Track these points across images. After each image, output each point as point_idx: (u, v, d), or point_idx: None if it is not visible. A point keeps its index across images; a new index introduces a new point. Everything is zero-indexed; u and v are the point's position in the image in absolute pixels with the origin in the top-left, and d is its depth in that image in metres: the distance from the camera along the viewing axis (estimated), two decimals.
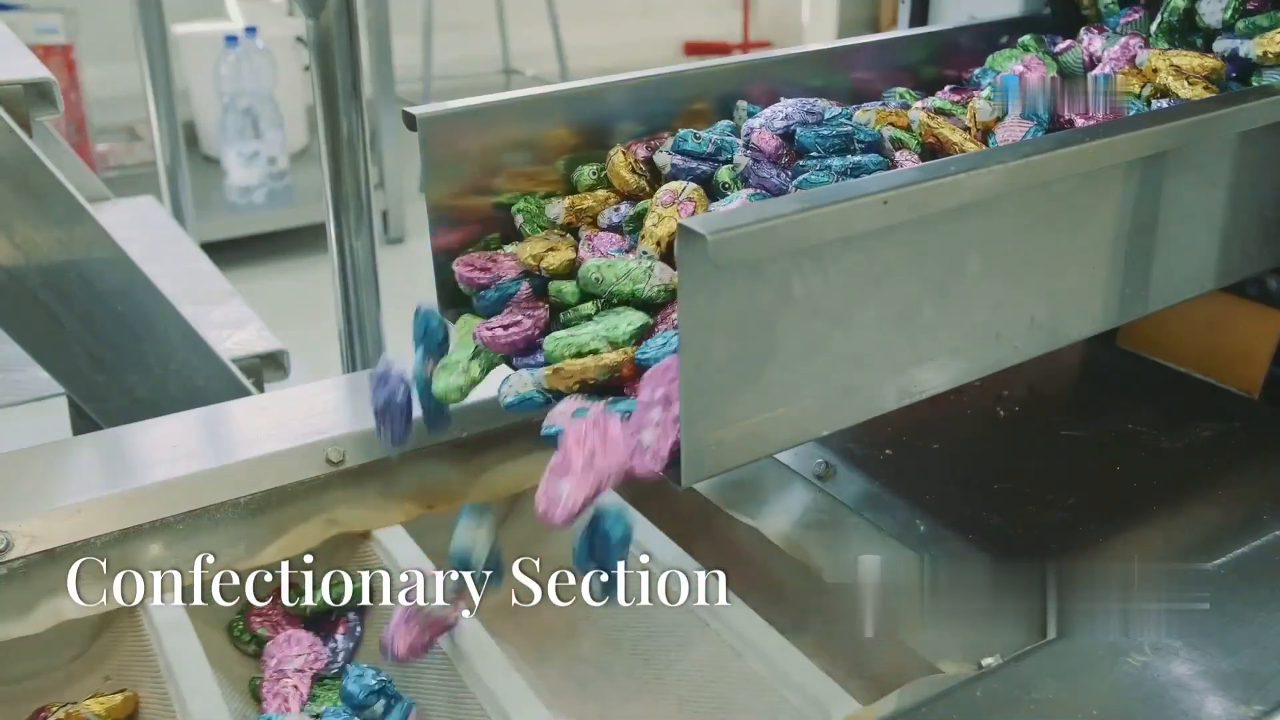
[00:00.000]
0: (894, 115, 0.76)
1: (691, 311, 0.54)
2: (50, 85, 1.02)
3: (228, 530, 0.80)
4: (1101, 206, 0.70)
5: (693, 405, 0.56)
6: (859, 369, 0.63)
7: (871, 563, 0.75)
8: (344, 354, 1.15)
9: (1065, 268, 0.70)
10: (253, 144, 2.88)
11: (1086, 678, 0.61)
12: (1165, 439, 0.85)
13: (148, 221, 1.59)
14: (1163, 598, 0.66)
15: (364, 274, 1.11)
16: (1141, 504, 0.78)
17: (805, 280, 0.58)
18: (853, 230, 0.57)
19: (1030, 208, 0.66)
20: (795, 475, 0.82)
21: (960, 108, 0.79)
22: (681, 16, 4.77)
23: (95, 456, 0.84)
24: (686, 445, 0.57)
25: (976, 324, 0.67)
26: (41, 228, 0.99)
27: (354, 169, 1.08)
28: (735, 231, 0.52)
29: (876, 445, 0.85)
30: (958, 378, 0.68)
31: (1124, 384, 0.96)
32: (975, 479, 0.82)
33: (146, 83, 1.81)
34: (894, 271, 0.61)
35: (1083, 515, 0.77)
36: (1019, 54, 0.89)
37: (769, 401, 0.59)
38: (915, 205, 0.58)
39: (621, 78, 0.79)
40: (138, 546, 0.78)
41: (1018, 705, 0.60)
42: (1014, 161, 0.61)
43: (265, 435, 0.85)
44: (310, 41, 1.03)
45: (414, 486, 0.86)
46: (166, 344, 1.08)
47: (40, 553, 0.75)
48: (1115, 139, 0.65)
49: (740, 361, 0.57)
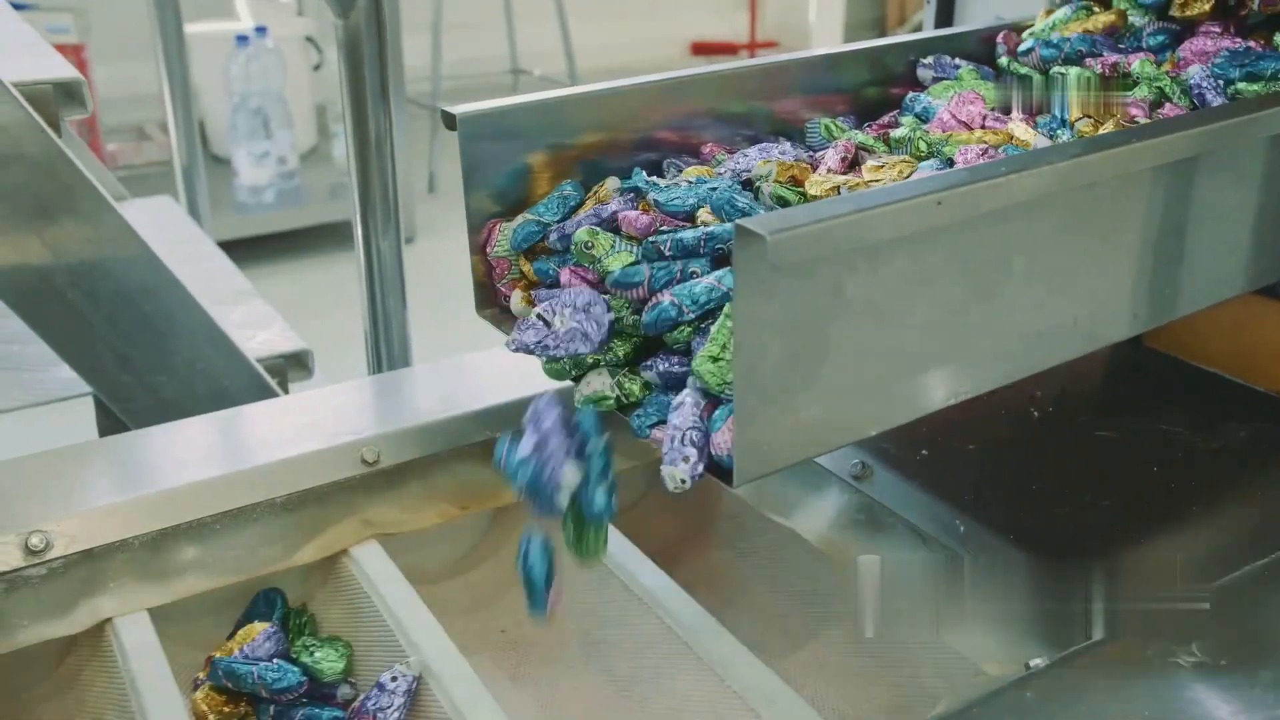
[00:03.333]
0: (796, 169, 0.73)
1: (747, 312, 0.54)
2: (79, 85, 1.02)
3: (265, 530, 0.80)
4: (1141, 208, 0.70)
5: (746, 405, 0.56)
6: (907, 369, 0.63)
7: (913, 562, 0.74)
8: (369, 354, 1.15)
9: (1106, 269, 0.70)
10: (263, 144, 2.88)
11: (1137, 680, 0.61)
12: (1200, 440, 0.85)
13: (165, 221, 1.59)
14: (1208, 598, 0.66)
15: (390, 274, 1.11)
16: (1180, 505, 0.78)
17: (857, 281, 0.58)
18: (906, 230, 0.57)
19: (1074, 209, 0.66)
20: (832, 476, 0.82)
21: (882, 144, 0.78)
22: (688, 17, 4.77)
23: (130, 457, 0.84)
24: (739, 446, 0.57)
25: (1021, 325, 0.67)
26: (71, 227, 0.99)
27: (381, 169, 1.08)
28: (793, 232, 0.52)
29: (912, 446, 0.84)
30: (1003, 378, 0.68)
31: (1154, 385, 0.95)
32: (1012, 479, 0.81)
33: (164, 82, 1.81)
34: (942, 272, 0.61)
35: (1122, 516, 0.76)
36: (956, 86, 0.85)
37: (819, 401, 0.59)
38: (968, 205, 0.58)
39: (661, 77, 0.79)
40: (175, 546, 0.77)
41: (1069, 707, 0.59)
42: (1064, 162, 0.61)
43: (299, 436, 0.84)
44: (339, 41, 1.03)
45: (448, 487, 0.86)
46: (193, 344, 1.08)
47: (79, 553, 0.75)
48: (1162, 140, 0.65)
49: (792, 362, 0.57)
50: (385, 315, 1.12)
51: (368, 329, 1.13)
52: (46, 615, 0.74)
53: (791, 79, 0.85)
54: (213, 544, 0.79)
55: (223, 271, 1.45)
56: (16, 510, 0.75)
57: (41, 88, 0.99)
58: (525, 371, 0.92)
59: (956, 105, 0.79)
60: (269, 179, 2.93)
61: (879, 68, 0.89)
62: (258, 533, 0.80)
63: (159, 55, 1.81)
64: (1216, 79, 0.79)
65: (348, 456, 0.83)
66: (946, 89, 0.85)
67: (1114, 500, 0.78)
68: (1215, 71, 0.79)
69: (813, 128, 0.83)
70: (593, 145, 0.78)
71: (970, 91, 0.80)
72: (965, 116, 0.78)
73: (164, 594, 0.77)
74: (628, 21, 4.61)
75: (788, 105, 0.84)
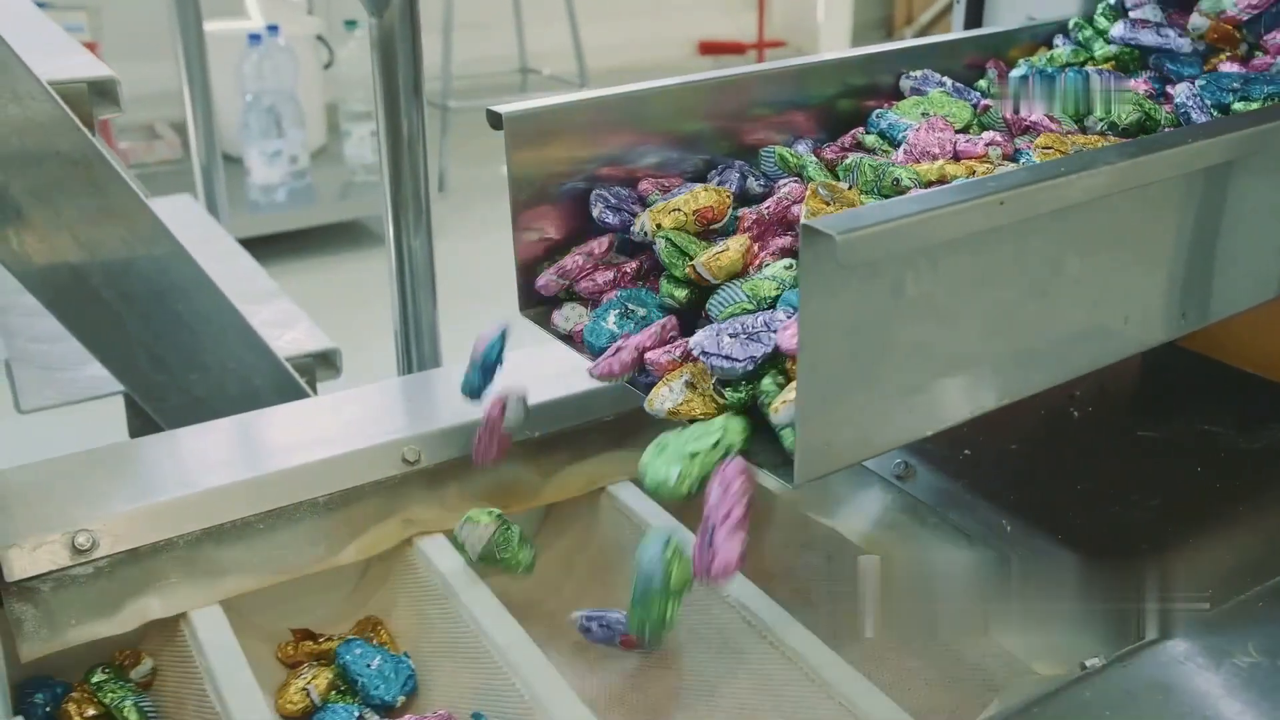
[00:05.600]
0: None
1: (813, 312, 0.54)
2: (112, 84, 1.01)
3: (308, 530, 0.80)
4: (1194, 207, 0.70)
5: (809, 405, 0.56)
6: (963, 369, 0.63)
7: (960, 562, 0.74)
8: (399, 353, 1.15)
9: (1159, 267, 0.70)
10: (275, 142, 2.87)
11: (1193, 680, 0.61)
12: (1242, 440, 0.85)
13: (187, 220, 1.59)
14: (1263, 598, 0.66)
15: (421, 274, 1.11)
16: (1226, 505, 0.78)
17: (918, 280, 0.58)
18: (970, 229, 0.57)
19: (1129, 208, 0.66)
20: (875, 476, 0.82)
21: (827, 173, 0.77)
22: (696, 16, 4.77)
23: (171, 456, 0.84)
24: (801, 445, 0.57)
25: (1074, 324, 0.67)
26: (105, 225, 0.98)
27: (413, 168, 1.08)
28: (862, 232, 0.52)
29: (954, 445, 0.84)
30: (1055, 378, 0.67)
31: (1191, 385, 0.95)
32: (1056, 479, 0.81)
33: (183, 81, 1.81)
34: (998, 272, 0.61)
35: (1169, 516, 0.76)
36: (926, 104, 0.84)
37: (878, 401, 0.59)
38: (1030, 205, 0.58)
39: (707, 76, 0.79)
40: (219, 546, 0.77)
41: (1127, 707, 0.59)
42: (1122, 162, 0.61)
43: (340, 435, 0.84)
44: (373, 40, 1.03)
45: (488, 486, 0.86)
46: (225, 343, 1.07)
47: (125, 552, 0.75)
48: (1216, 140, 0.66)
49: (853, 361, 0.57)
50: (416, 314, 1.12)
51: (398, 328, 1.13)
52: (94, 615, 0.74)
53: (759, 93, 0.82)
54: (257, 544, 0.79)
55: (247, 270, 1.44)
56: (62, 509, 0.75)
57: (76, 86, 0.98)
58: (562, 370, 0.92)
59: (926, 131, 0.77)
60: (281, 178, 2.92)
61: (857, 78, 0.87)
62: (301, 533, 0.80)
63: (179, 54, 1.81)
64: (1203, 100, 0.80)
65: (389, 456, 0.83)
66: (916, 105, 0.84)
67: (1160, 500, 0.78)
68: (1202, 93, 0.80)
69: (767, 155, 0.80)
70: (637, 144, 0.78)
71: (938, 118, 0.79)
72: (932, 144, 0.77)
73: (209, 594, 0.77)
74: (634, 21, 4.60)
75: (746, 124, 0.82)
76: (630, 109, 0.78)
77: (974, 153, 0.76)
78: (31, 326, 1.26)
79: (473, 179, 3.56)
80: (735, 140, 0.82)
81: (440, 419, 0.87)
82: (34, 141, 0.93)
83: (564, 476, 0.89)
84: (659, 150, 0.79)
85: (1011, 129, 0.82)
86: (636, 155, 0.79)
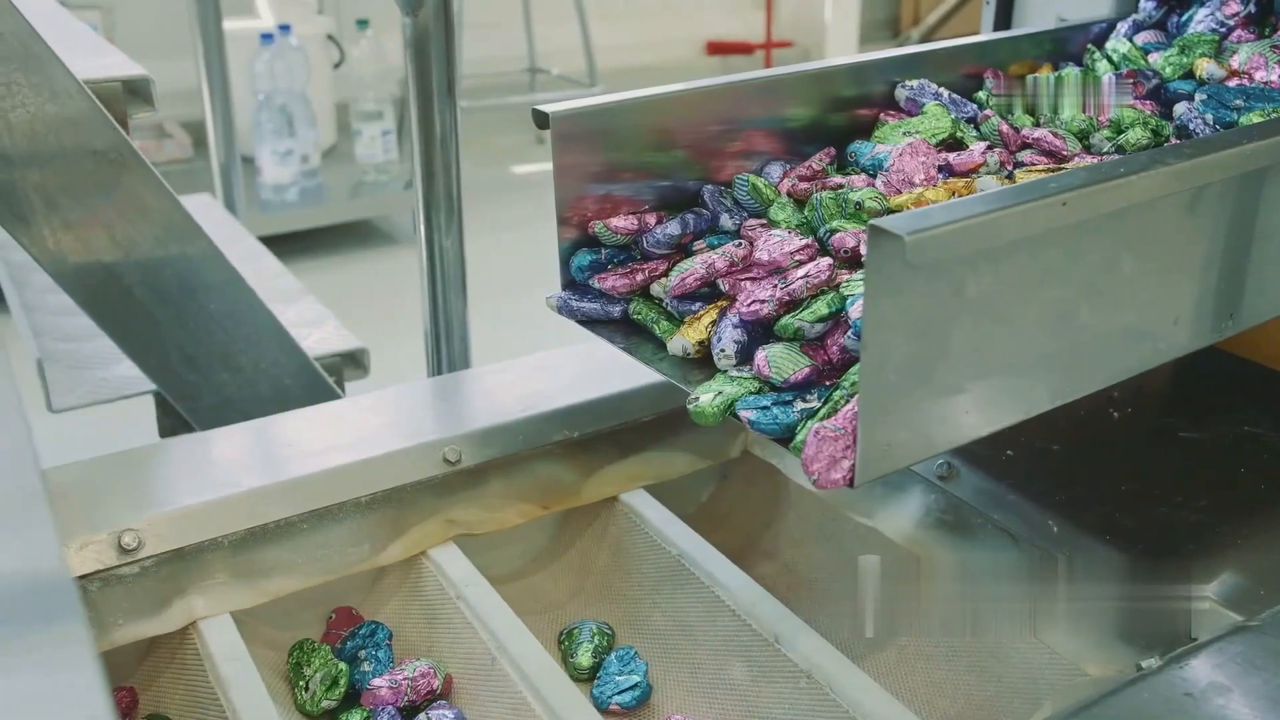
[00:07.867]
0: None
1: (876, 311, 0.54)
2: (146, 83, 1.01)
3: (350, 530, 0.80)
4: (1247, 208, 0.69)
5: (871, 405, 0.56)
6: (1019, 369, 0.63)
7: (1007, 562, 0.74)
8: (429, 353, 1.15)
9: (1210, 268, 0.70)
10: (287, 142, 2.87)
11: (1252, 680, 0.61)
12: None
13: (209, 220, 1.59)
14: None
15: (452, 274, 1.11)
16: (1274, 505, 0.78)
17: (979, 281, 0.57)
18: (1034, 230, 0.57)
19: (1183, 209, 0.66)
20: (917, 477, 0.82)
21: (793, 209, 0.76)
22: (704, 16, 4.77)
23: (212, 456, 0.83)
24: (863, 445, 0.56)
25: (1126, 325, 0.67)
26: (140, 224, 0.98)
27: (446, 167, 1.08)
28: (930, 232, 0.52)
29: (996, 446, 0.84)
30: (1107, 379, 0.67)
31: (1230, 386, 0.95)
32: (1101, 480, 0.81)
33: (202, 81, 1.81)
34: (1055, 273, 0.61)
35: (1216, 517, 0.76)
36: (911, 126, 0.83)
37: (937, 401, 0.59)
38: (1092, 205, 0.58)
39: (754, 75, 0.79)
40: (264, 546, 0.77)
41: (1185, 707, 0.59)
42: (1181, 163, 0.61)
43: (379, 435, 0.84)
44: (406, 39, 1.02)
45: (529, 486, 0.86)
46: (257, 342, 1.07)
47: (170, 551, 0.75)
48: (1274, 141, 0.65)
49: (915, 361, 0.57)
50: (447, 314, 1.12)
51: (428, 328, 1.13)
52: (139, 614, 0.74)
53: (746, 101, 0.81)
54: (301, 544, 0.79)
55: (271, 270, 1.44)
56: (107, 509, 0.75)
57: (110, 85, 0.98)
58: (600, 369, 0.92)
59: (909, 156, 0.76)
60: (292, 177, 2.92)
61: (850, 88, 0.86)
62: (343, 533, 0.80)
63: (198, 53, 1.80)
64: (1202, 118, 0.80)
65: (430, 456, 0.83)
66: (894, 130, 0.83)
67: (1207, 501, 0.78)
68: (1200, 110, 0.81)
69: (741, 183, 0.79)
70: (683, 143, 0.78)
71: (920, 140, 0.78)
72: (915, 170, 0.76)
73: (254, 594, 0.77)
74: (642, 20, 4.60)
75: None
76: (674, 108, 0.77)
77: (971, 163, 0.76)
78: (60, 326, 1.26)
79: (482, 179, 3.56)
80: (775, 141, 0.82)
81: (481, 419, 0.87)
82: (70, 139, 0.93)
83: (604, 475, 0.88)
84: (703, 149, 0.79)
85: (1009, 144, 0.81)
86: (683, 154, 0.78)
